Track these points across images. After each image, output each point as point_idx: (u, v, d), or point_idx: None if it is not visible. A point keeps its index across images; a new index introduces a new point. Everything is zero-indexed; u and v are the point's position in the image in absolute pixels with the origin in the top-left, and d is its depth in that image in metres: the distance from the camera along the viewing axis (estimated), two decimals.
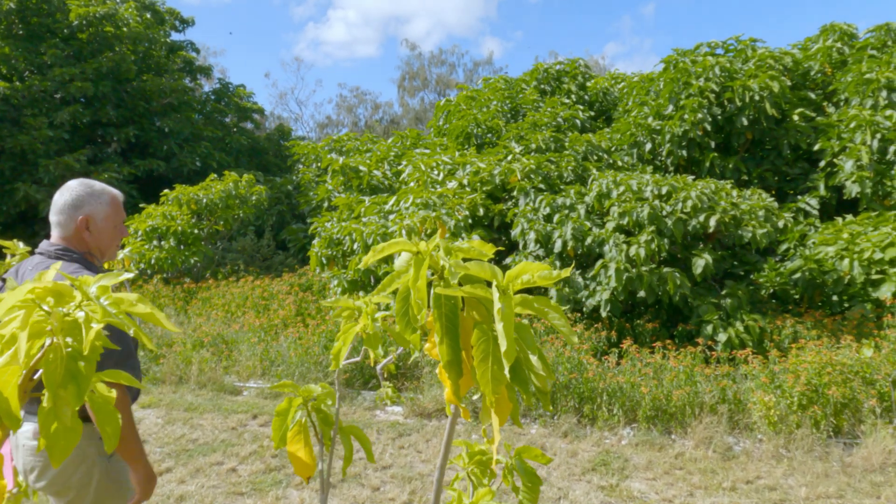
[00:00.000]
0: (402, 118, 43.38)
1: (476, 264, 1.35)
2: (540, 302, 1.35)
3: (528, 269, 1.37)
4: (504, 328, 1.25)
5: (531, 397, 1.41)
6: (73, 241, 2.15)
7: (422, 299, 1.39)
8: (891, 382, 4.93)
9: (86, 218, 2.13)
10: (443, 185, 8.91)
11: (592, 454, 4.94)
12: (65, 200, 2.13)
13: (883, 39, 10.04)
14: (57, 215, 2.14)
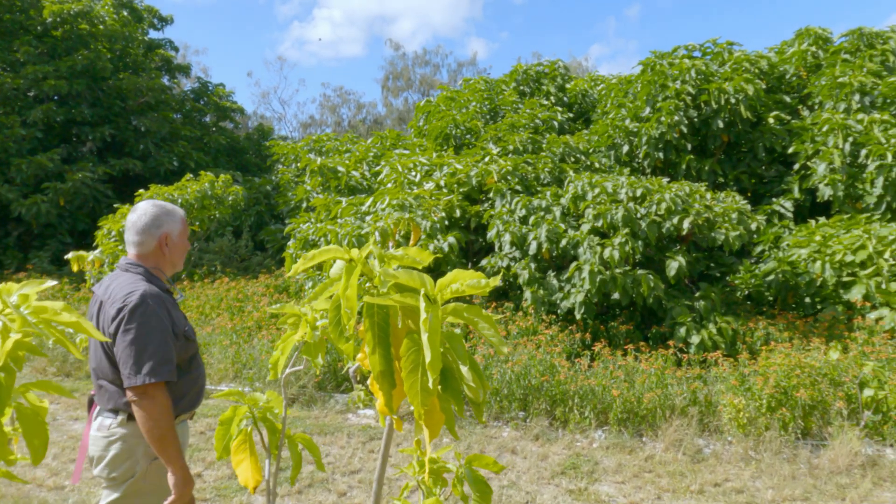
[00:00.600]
0: (386, 118, 43.28)
1: (406, 273, 1.31)
2: (471, 311, 1.31)
3: (459, 278, 1.34)
4: (429, 339, 1.21)
5: (464, 408, 1.37)
6: (149, 257, 2.37)
7: (351, 308, 1.35)
8: (857, 384, 4.96)
9: (165, 235, 2.38)
10: (420, 187, 8.87)
11: (563, 457, 4.92)
12: (144, 222, 2.34)
13: (856, 44, 10.15)
14: (136, 235, 2.35)
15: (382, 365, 1.37)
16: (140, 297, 2.16)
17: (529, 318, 6.99)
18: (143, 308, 2.14)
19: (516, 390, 5.63)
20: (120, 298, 2.16)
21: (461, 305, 1.33)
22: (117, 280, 2.27)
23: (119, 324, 2.12)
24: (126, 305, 2.13)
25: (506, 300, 7.74)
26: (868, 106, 8.81)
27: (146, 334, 2.11)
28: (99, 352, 2.23)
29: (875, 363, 5.00)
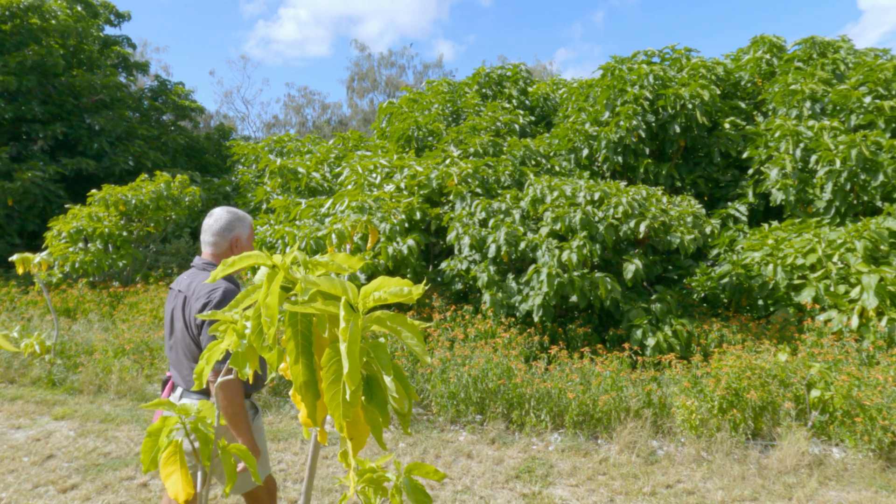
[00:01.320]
0: (351, 119, 43.02)
1: (327, 280, 1.26)
2: (394, 320, 1.27)
3: (384, 285, 1.30)
4: (348, 349, 1.16)
5: (389, 419, 1.33)
6: (221, 257, 2.68)
7: (271, 317, 1.29)
8: (805, 385, 5.06)
9: (236, 238, 2.71)
10: (380, 189, 8.80)
11: (518, 461, 4.91)
12: (219, 226, 2.69)
13: (809, 52, 10.42)
14: (212, 237, 2.70)
15: (306, 375, 1.32)
16: (222, 293, 2.52)
17: (488, 320, 6.98)
18: (224, 303, 2.47)
19: (473, 394, 5.61)
20: (205, 294, 2.51)
21: (385, 313, 1.28)
22: (198, 278, 2.62)
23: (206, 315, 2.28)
24: (211, 301, 2.48)
25: (465, 303, 7.72)
26: (819, 113, 9.05)
27: None
28: (187, 339, 2.58)
29: (822, 364, 5.11)
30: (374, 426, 1.32)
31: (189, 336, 2.57)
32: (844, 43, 10.58)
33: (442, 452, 5.06)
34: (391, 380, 1.27)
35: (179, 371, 2.67)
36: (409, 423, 1.35)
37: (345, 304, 1.23)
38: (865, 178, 7.61)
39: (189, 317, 2.55)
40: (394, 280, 1.29)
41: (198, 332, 2.52)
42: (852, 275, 6.76)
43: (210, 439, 2.00)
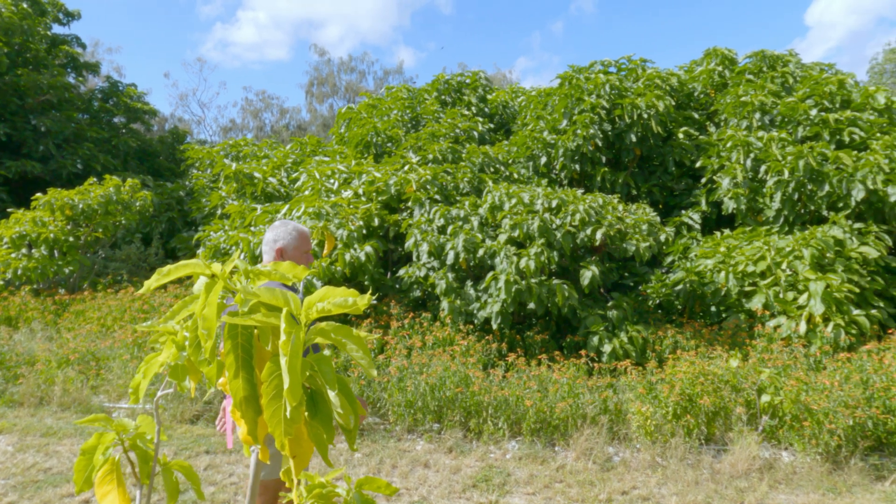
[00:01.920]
0: (310, 125, 42.60)
1: (267, 290, 1.20)
2: (339, 332, 1.22)
3: (328, 296, 1.24)
4: (288, 363, 1.10)
5: (334, 435, 1.27)
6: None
7: (209, 329, 1.22)
8: (756, 391, 5.16)
9: (280, 249, 2.97)
10: (338, 195, 8.69)
11: (476, 469, 4.87)
12: (269, 236, 3.00)
13: (759, 65, 10.73)
14: (264, 246, 3.02)
15: (246, 390, 1.25)
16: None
17: (447, 328, 6.94)
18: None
19: (431, 402, 5.56)
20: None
21: (329, 325, 1.23)
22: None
23: None
24: None
25: (423, 310, 7.67)
26: (768, 124, 9.31)
27: None
28: None
29: (772, 370, 5.22)
30: (319, 442, 1.26)
31: None
32: (792, 57, 10.93)
33: (399, 462, 4.99)
34: (336, 394, 1.21)
35: None
36: (355, 439, 1.30)
37: (286, 316, 1.17)
38: (812, 188, 7.84)
39: None
40: (339, 290, 1.24)
41: None
42: (800, 282, 6.94)
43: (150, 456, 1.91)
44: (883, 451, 4.91)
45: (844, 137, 8.55)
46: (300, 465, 1.28)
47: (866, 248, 7.11)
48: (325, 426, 1.25)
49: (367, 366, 1.20)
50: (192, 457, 5.08)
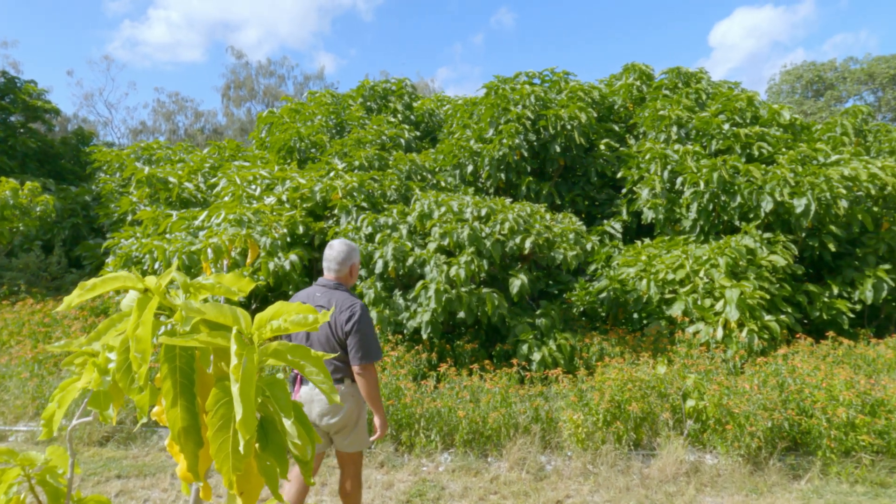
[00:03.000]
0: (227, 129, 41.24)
1: (214, 307, 1.05)
2: (296, 353, 1.08)
3: (283, 312, 1.11)
4: (241, 390, 0.96)
5: (287, 468, 1.14)
6: (344, 279, 3.51)
7: (143, 352, 1.06)
8: (681, 396, 5.30)
9: (354, 265, 3.55)
10: (260, 201, 8.37)
11: (409, 484, 4.75)
12: (341, 255, 3.48)
13: (674, 81, 11.18)
14: (336, 264, 3.48)
15: (186, 420, 1.10)
16: (361, 306, 3.36)
17: None
18: (365, 316, 3.36)
19: None
20: (348, 308, 3.33)
21: (285, 345, 1.09)
22: (336, 294, 3.43)
23: (353, 324, 3.29)
24: (354, 313, 3.31)
25: None
26: (684, 137, 9.70)
27: (368, 332, 3.34)
28: (331, 341, 3.36)
29: (696, 375, 5.37)
30: (270, 477, 1.12)
31: (334, 337, 3.35)
32: (704, 74, 11.47)
33: (329, 480, 4.80)
34: (291, 423, 1.08)
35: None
36: (311, 473, 1.17)
37: (236, 336, 1.03)
38: (725, 199, 8.21)
39: (336, 323, 3.34)
40: (293, 306, 1.11)
41: (345, 337, 3.31)
42: (717, 289, 7.23)
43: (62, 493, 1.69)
44: (798, 451, 5.14)
45: (754, 151, 9.02)
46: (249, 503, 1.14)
47: (775, 257, 7.49)
48: (277, 459, 1.12)
49: (328, 391, 1.07)
50: (102, 482, 4.70)
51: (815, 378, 5.41)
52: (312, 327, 1.11)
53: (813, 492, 4.57)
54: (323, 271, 3.54)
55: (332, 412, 3.38)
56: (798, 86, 32.32)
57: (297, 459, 1.13)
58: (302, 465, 1.13)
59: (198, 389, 1.12)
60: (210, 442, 1.03)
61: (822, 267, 8.51)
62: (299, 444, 1.08)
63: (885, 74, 29.77)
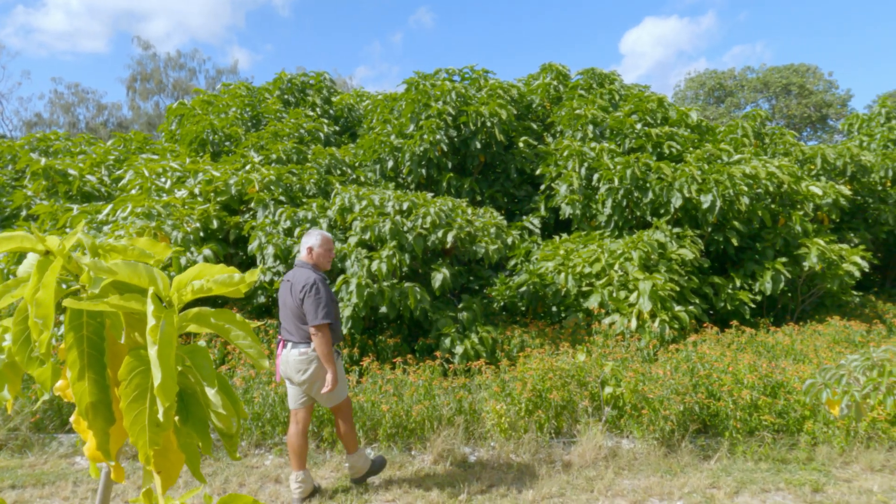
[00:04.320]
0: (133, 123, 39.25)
1: (128, 266, 0.96)
2: (221, 316, 1.00)
3: (206, 272, 1.03)
4: (160, 353, 0.88)
5: (211, 444, 1.05)
6: (306, 258, 4.34)
7: (44, 317, 0.95)
8: (600, 383, 5.44)
9: (310, 247, 4.35)
10: (170, 194, 7.98)
11: (331, 481, 4.63)
12: (304, 240, 4.37)
13: (589, 82, 11.52)
14: (300, 247, 4.47)
15: (95, 394, 1.00)
16: (315, 280, 4.14)
17: None
18: (315, 285, 4.11)
19: (281, 413, 5.22)
20: (303, 280, 4.14)
21: (207, 310, 1.01)
22: (299, 271, 4.27)
23: (304, 293, 4.08)
24: (307, 285, 4.10)
25: (270, 317, 7.25)
26: (599, 136, 10.00)
27: (318, 300, 4.06)
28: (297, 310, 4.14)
29: (614, 363, 5.53)
30: (191, 454, 1.03)
31: (297, 307, 4.14)
32: (617, 77, 11.89)
33: (246, 480, 4.61)
34: (216, 392, 1.00)
35: (289, 329, 4.23)
36: (237, 447, 1.09)
37: (154, 298, 0.94)
38: (638, 195, 8.52)
39: (294, 293, 4.15)
40: (216, 267, 1.03)
41: (301, 304, 4.10)
42: (630, 282, 7.49)
43: None
44: (708, 433, 5.38)
45: (665, 150, 9.41)
46: (167, 483, 1.04)
47: (684, 251, 7.84)
48: (199, 433, 1.03)
49: (256, 355, 1.00)
50: None
51: (722, 363, 5.69)
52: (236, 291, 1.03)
53: (721, 470, 4.79)
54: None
55: (300, 371, 4.14)
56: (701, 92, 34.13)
57: (221, 433, 1.04)
58: (226, 439, 1.04)
59: (108, 361, 1.02)
60: (124, 413, 0.93)
61: (726, 260, 8.99)
62: (224, 415, 1.00)
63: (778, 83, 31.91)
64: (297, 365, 4.13)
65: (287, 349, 4.18)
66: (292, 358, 4.14)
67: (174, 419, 1.01)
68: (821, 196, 9.22)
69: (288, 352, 4.17)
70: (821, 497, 4.41)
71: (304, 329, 4.12)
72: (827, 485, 4.57)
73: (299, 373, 4.13)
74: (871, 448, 5.10)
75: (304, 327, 4.12)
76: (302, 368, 4.12)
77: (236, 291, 1.01)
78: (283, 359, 4.19)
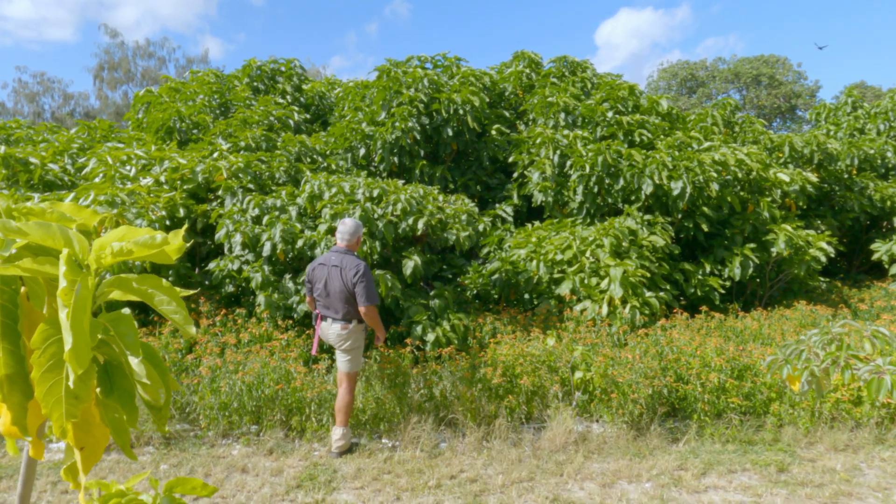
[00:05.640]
0: (101, 113, 38.40)
1: (39, 226, 0.89)
2: (144, 282, 0.94)
3: (129, 235, 0.97)
4: (72, 316, 0.82)
5: (137, 417, 0.99)
6: (352, 246, 4.99)
7: None
8: (570, 368, 5.44)
9: (359, 237, 5.03)
10: (136, 182, 7.79)
11: (299, 469, 4.58)
12: (351, 229, 5.00)
13: (561, 70, 11.51)
14: (348, 235, 5.00)
15: (10, 366, 0.93)
16: (364, 266, 4.81)
17: (264, 323, 6.51)
18: (366, 271, 4.79)
19: (248, 402, 5.14)
20: (354, 266, 4.79)
21: (129, 276, 0.95)
22: (346, 257, 4.88)
23: (358, 278, 4.73)
24: (359, 270, 4.76)
25: (238, 306, 7.13)
26: (571, 124, 10.00)
27: (369, 284, 4.78)
28: (344, 292, 4.80)
29: (583, 348, 5.54)
30: (117, 428, 0.98)
31: (346, 288, 4.78)
32: (589, 65, 11.89)
33: (212, 470, 4.53)
34: (139, 362, 0.94)
35: (334, 308, 4.86)
36: (165, 420, 1.03)
37: (68, 259, 0.88)
38: (609, 182, 8.55)
39: (346, 278, 4.78)
40: (142, 230, 0.97)
41: (353, 287, 4.76)
42: (602, 268, 7.51)
43: None
44: (677, 416, 5.43)
45: (636, 137, 9.45)
46: (90, 460, 0.98)
47: (655, 237, 7.89)
48: (124, 405, 0.97)
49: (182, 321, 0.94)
50: None
51: (691, 347, 5.74)
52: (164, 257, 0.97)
53: (690, 452, 4.83)
54: (336, 241, 5.04)
55: (341, 342, 4.86)
56: (674, 83, 34.42)
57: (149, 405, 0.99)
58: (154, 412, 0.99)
59: (24, 330, 0.95)
60: (37, 384, 0.87)
61: (696, 247, 9.07)
62: (150, 386, 0.95)
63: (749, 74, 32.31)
64: (338, 338, 4.86)
65: (328, 323, 4.90)
66: (333, 331, 4.86)
67: (96, 391, 0.95)
68: (788, 183, 9.34)
69: (329, 325, 4.89)
70: (786, 477, 4.46)
71: (349, 307, 4.82)
72: (792, 465, 4.64)
73: (339, 343, 4.86)
74: (835, 428, 5.19)
75: (349, 307, 4.82)
76: (342, 340, 4.85)
77: (162, 255, 0.95)
78: (323, 331, 4.96)
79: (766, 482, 4.38)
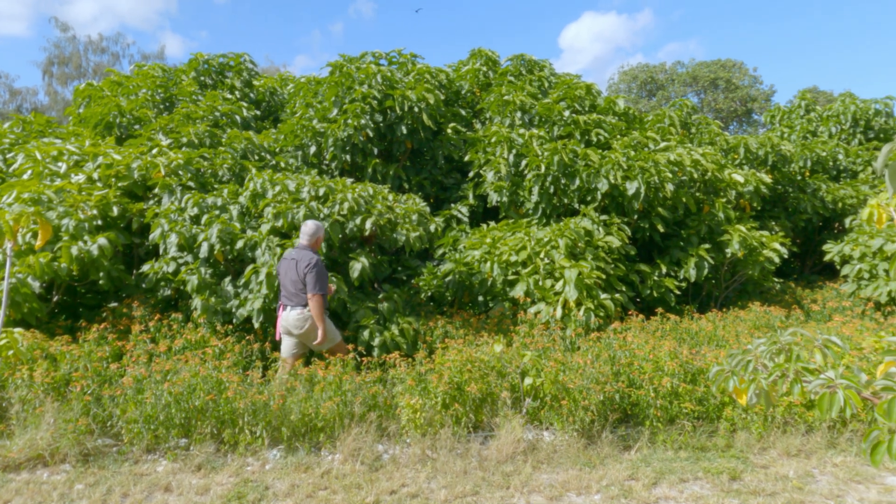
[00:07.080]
0: (51, 109, 37.07)
1: None
2: None
3: None
4: None
5: None
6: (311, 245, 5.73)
7: None
8: (520, 374, 5.23)
9: (318, 238, 5.81)
10: (66, 179, 7.34)
11: (228, 487, 4.25)
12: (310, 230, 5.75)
13: (519, 68, 11.35)
14: (306, 236, 5.74)
15: None
16: (317, 260, 5.52)
17: (201, 329, 6.15)
18: (317, 263, 5.50)
19: (176, 414, 4.78)
20: (307, 259, 5.50)
21: None
22: (302, 252, 5.60)
23: (307, 268, 5.44)
24: (310, 262, 5.47)
25: (175, 311, 6.74)
26: (528, 123, 9.83)
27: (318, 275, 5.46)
28: (298, 284, 5.51)
29: (533, 353, 5.33)
30: None
31: (299, 279, 5.49)
32: (547, 64, 11.76)
33: (132, 490, 4.18)
34: None
35: (289, 296, 5.56)
36: None
37: None
38: (566, 182, 8.39)
39: (300, 269, 5.49)
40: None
41: (304, 276, 5.46)
42: (557, 270, 7.33)
43: None
44: (629, 423, 5.26)
45: (592, 137, 9.32)
46: None
47: (611, 238, 7.75)
48: None
49: None
50: None
51: (644, 351, 5.57)
52: None
53: (641, 460, 4.65)
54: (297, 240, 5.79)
55: (298, 327, 5.54)
56: (634, 85, 34.75)
57: None
58: None
59: None
60: None
61: (652, 248, 8.97)
62: None
63: (706, 78, 32.79)
64: (295, 322, 5.52)
65: (287, 311, 5.57)
66: (292, 317, 5.52)
67: None
68: (743, 184, 9.32)
69: (288, 313, 5.56)
70: (738, 485, 4.31)
71: (303, 296, 5.46)
72: (745, 472, 4.49)
73: (297, 328, 5.53)
74: (788, 433, 5.08)
75: (302, 294, 5.46)
76: (299, 325, 5.52)
77: None
78: (283, 318, 5.60)
79: (718, 492, 4.22)
